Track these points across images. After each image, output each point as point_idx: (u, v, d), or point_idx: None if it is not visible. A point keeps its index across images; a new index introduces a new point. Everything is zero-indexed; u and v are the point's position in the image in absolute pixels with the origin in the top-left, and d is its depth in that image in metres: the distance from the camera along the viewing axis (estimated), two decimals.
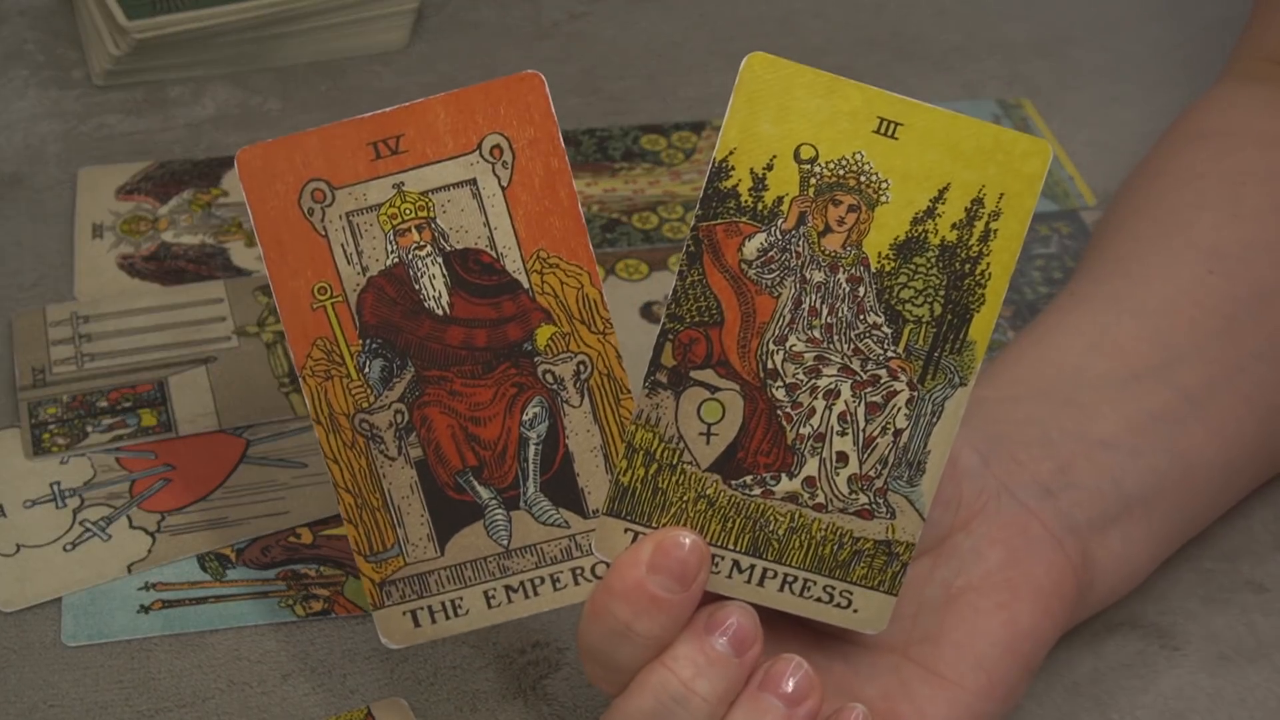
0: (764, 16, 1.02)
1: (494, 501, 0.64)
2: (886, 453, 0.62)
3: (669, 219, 0.89)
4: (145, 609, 0.72)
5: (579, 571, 0.64)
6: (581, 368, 0.64)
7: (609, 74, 0.97)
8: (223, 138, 0.93)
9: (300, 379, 0.64)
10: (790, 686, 0.60)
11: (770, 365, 0.62)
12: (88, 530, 0.74)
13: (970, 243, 0.61)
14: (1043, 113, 0.95)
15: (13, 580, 0.73)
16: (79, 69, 0.96)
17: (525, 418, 0.64)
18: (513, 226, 0.64)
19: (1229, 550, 0.75)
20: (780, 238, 0.61)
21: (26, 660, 0.70)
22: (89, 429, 0.78)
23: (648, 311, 0.84)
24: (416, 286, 0.64)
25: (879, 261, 0.61)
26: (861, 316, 0.62)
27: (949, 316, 0.62)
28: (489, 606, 0.64)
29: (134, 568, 0.73)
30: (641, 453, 0.61)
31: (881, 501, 0.62)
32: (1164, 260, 0.74)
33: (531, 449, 0.64)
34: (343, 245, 0.64)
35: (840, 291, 0.61)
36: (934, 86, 0.97)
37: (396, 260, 0.64)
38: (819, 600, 0.62)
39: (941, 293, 0.61)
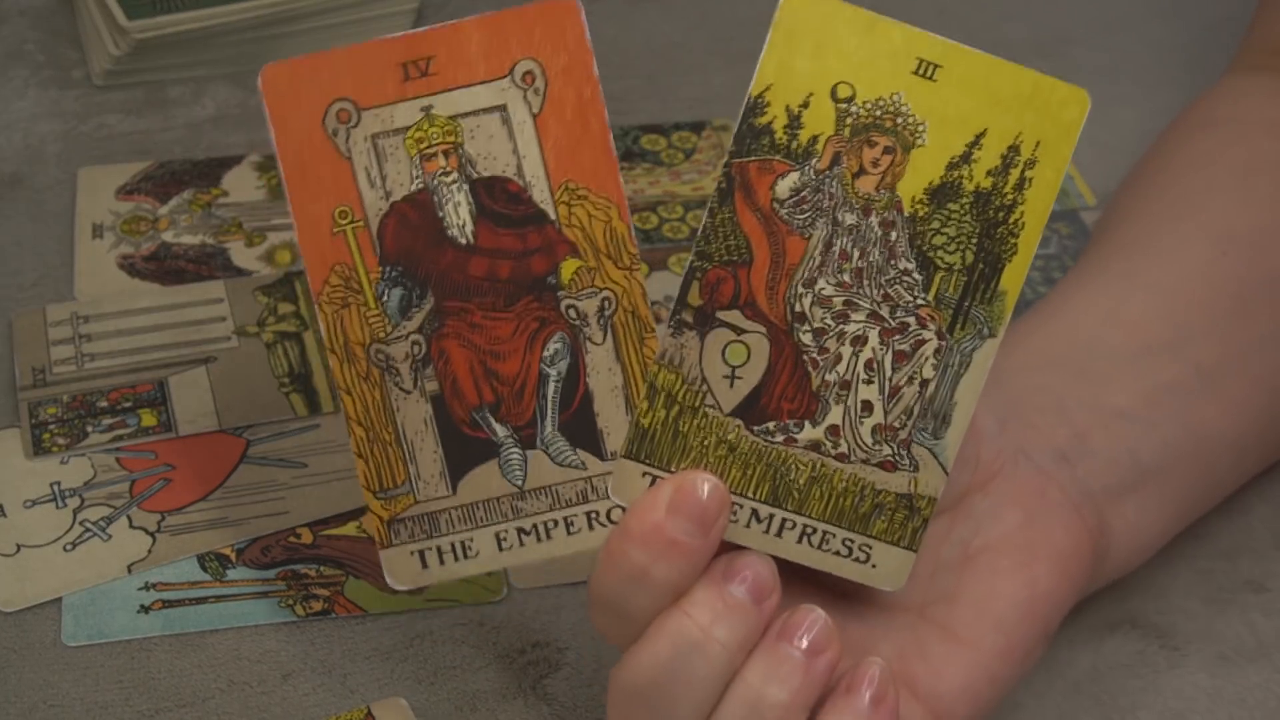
0: (764, 16, 1.01)
1: (510, 440, 0.63)
2: (912, 403, 0.61)
3: (669, 219, 0.89)
4: (145, 609, 0.72)
5: (594, 515, 0.63)
6: (606, 304, 0.62)
7: (609, 74, 0.97)
8: (223, 138, 0.93)
9: (316, 306, 0.62)
10: (808, 638, 0.60)
11: (798, 309, 0.61)
12: (88, 530, 0.74)
13: (1005, 190, 0.60)
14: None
15: (13, 580, 0.73)
16: (79, 69, 0.96)
17: (546, 354, 0.63)
18: (541, 156, 0.62)
19: (1229, 550, 0.75)
20: (814, 178, 0.60)
21: (26, 660, 0.70)
22: (89, 429, 0.78)
23: None
24: (440, 214, 0.62)
25: (912, 206, 0.60)
26: (893, 262, 0.61)
27: (980, 265, 0.61)
28: (500, 549, 0.63)
29: (134, 568, 0.73)
30: (663, 394, 0.60)
31: (905, 454, 0.61)
32: (1175, 241, 0.74)
33: (551, 386, 0.63)
34: (366, 169, 0.62)
35: (872, 235, 0.61)
36: None
37: (421, 186, 0.62)
38: (838, 554, 0.61)
39: (974, 240, 0.61)
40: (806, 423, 0.61)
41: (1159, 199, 0.77)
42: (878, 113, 0.60)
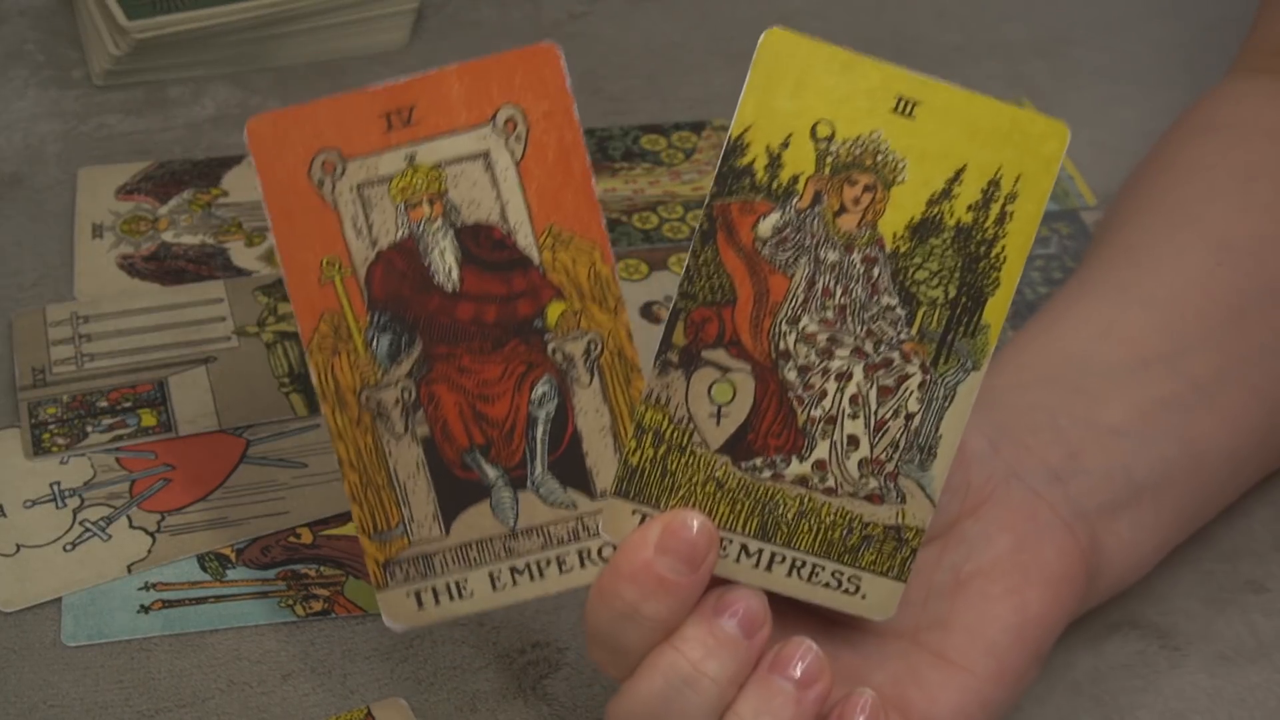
0: (764, 16, 1.02)
1: (501, 481, 0.64)
2: (898, 436, 0.62)
3: (669, 219, 0.89)
4: (145, 609, 0.72)
5: (586, 553, 0.64)
6: (592, 346, 0.63)
7: (609, 74, 0.97)
8: (223, 138, 0.93)
9: (306, 354, 0.63)
10: (800, 669, 0.60)
11: (782, 346, 0.61)
12: (88, 530, 0.74)
13: (986, 225, 0.61)
14: (1043, 112, 0.95)
15: (13, 580, 0.73)
16: (79, 69, 0.96)
17: (534, 396, 0.63)
18: (525, 201, 0.63)
19: (1229, 550, 0.75)
20: (795, 217, 0.61)
21: (26, 660, 0.70)
22: (89, 429, 0.78)
23: (648, 311, 0.84)
24: (426, 261, 0.63)
25: (894, 242, 0.61)
26: (875, 298, 0.61)
27: (963, 299, 0.61)
28: (494, 588, 0.64)
29: (134, 568, 0.73)
30: (651, 433, 0.61)
31: (892, 486, 0.62)
32: (1173, 251, 0.74)
33: (540, 428, 0.63)
34: (353, 218, 0.63)
35: (854, 272, 0.61)
36: None
37: (407, 234, 0.63)
38: (827, 586, 0.62)
39: (956, 275, 0.61)
40: (793, 458, 0.61)
41: (1158, 205, 0.77)
42: (857, 151, 0.60)
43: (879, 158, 0.61)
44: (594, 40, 1.00)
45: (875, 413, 0.62)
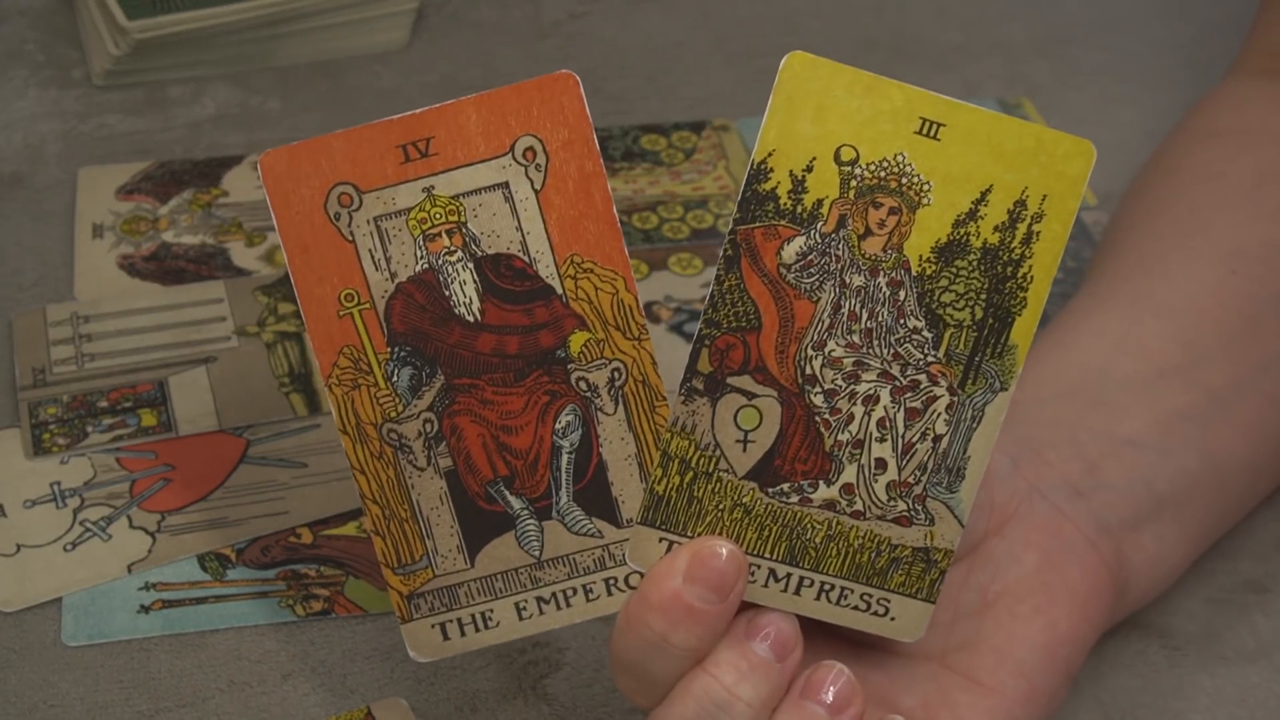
0: (764, 16, 1.02)
1: (525, 512, 0.63)
2: (926, 459, 0.61)
3: (669, 219, 0.89)
4: (145, 609, 0.72)
5: (612, 582, 0.63)
6: (616, 374, 0.63)
7: (609, 74, 0.97)
8: (223, 138, 0.93)
9: (326, 388, 0.62)
10: (832, 694, 0.60)
11: (809, 371, 0.61)
12: (88, 530, 0.74)
13: (1012, 245, 0.61)
14: (1043, 112, 0.95)
15: (13, 580, 0.73)
16: (79, 69, 0.96)
17: (558, 426, 0.63)
18: (546, 231, 0.62)
19: (1229, 550, 0.75)
20: (820, 241, 0.60)
21: (26, 660, 0.70)
22: (89, 429, 0.78)
23: (648, 311, 0.84)
24: (447, 293, 0.62)
25: (920, 265, 0.61)
26: (902, 321, 0.61)
27: (990, 320, 0.61)
28: (520, 618, 0.63)
29: (134, 568, 0.73)
30: (677, 460, 0.61)
31: (920, 508, 0.61)
32: (1185, 259, 0.74)
33: (564, 458, 0.63)
34: (370, 251, 0.62)
35: (880, 295, 0.61)
36: (934, 86, 0.96)
37: (426, 266, 0.62)
38: (856, 609, 0.61)
39: (983, 296, 0.61)
40: (821, 482, 0.61)
41: (1168, 211, 0.77)
42: (882, 174, 0.60)
43: (904, 180, 0.60)
44: (594, 40, 1.00)
45: (903, 435, 0.61)
